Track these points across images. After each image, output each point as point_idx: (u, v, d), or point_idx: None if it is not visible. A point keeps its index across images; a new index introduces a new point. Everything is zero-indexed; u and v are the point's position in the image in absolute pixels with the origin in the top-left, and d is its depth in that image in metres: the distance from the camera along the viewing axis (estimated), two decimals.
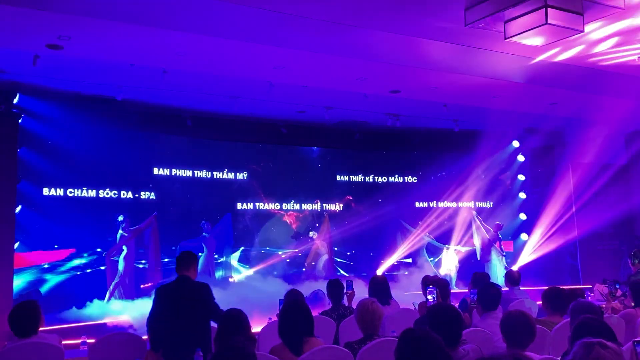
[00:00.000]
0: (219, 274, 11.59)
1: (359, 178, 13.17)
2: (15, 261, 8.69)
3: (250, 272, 11.81)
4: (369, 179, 13.29)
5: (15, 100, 8.76)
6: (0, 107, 8.53)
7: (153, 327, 4.84)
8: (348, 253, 13.09)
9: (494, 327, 4.66)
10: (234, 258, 11.93)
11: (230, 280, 11.59)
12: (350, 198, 13.10)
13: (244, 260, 12.04)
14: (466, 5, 5.99)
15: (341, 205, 13.06)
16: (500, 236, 12.68)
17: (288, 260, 12.36)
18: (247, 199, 12.12)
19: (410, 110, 10.62)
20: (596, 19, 5.99)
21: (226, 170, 11.87)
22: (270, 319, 6.12)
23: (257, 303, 8.04)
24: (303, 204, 12.71)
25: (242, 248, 12.07)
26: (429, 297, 4.63)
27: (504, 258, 12.59)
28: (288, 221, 12.70)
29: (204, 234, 11.34)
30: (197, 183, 11.51)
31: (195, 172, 11.48)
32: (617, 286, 6.41)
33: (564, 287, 5.89)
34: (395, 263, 12.84)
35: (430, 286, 4.69)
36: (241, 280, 11.66)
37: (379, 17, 6.30)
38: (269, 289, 10.14)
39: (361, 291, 6.52)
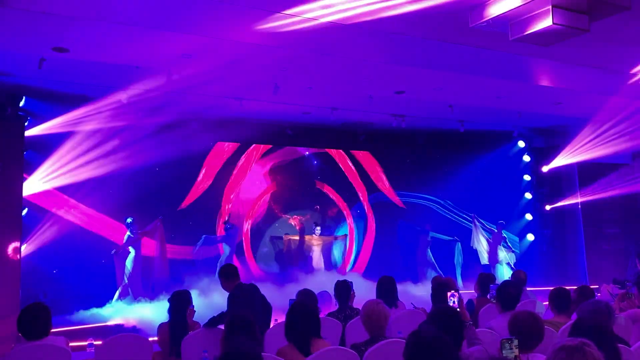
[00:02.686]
0: None
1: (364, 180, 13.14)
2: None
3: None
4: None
5: (21, 103, 8.79)
6: (7, 110, 8.56)
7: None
8: None
9: None
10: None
11: None
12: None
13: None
14: (471, 6, 5.98)
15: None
16: (504, 235, 12.65)
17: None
18: None
19: (416, 111, 10.62)
20: (602, 18, 5.97)
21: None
22: (276, 320, 6.11)
23: None
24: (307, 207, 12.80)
25: None
26: (450, 303, 4.60)
27: (514, 255, 12.56)
28: (293, 223, 12.73)
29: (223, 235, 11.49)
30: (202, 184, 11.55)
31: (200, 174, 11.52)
32: (629, 286, 6.38)
33: (570, 287, 5.87)
34: None
35: (453, 291, 4.67)
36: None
37: (383, 18, 6.29)
38: (276, 290, 10.14)
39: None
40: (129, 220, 10.30)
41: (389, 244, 12.99)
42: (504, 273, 12.07)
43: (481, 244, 12.79)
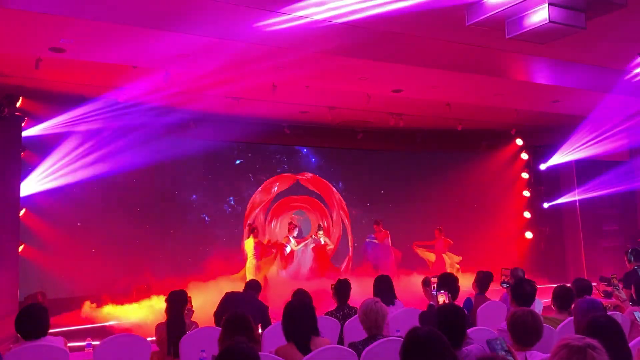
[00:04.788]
0: None
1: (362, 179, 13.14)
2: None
3: None
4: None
5: (18, 104, 8.78)
6: (4, 110, 8.55)
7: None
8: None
9: None
10: None
11: None
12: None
13: None
14: (468, 4, 5.98)
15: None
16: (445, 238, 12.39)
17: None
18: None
19: (413, 109, 10.60)
20: (598, 15, 5.97)
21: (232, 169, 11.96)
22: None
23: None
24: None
25: None
26: (440, 299, 4.59)
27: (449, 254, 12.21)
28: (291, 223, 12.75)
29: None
30: (201, 185, 11.56)
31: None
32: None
33: (568, 285, 5.87)
34: None
35: (442, 290, 4.66)
36: None
37: (381, 16, 6.28)
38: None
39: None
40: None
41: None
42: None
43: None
